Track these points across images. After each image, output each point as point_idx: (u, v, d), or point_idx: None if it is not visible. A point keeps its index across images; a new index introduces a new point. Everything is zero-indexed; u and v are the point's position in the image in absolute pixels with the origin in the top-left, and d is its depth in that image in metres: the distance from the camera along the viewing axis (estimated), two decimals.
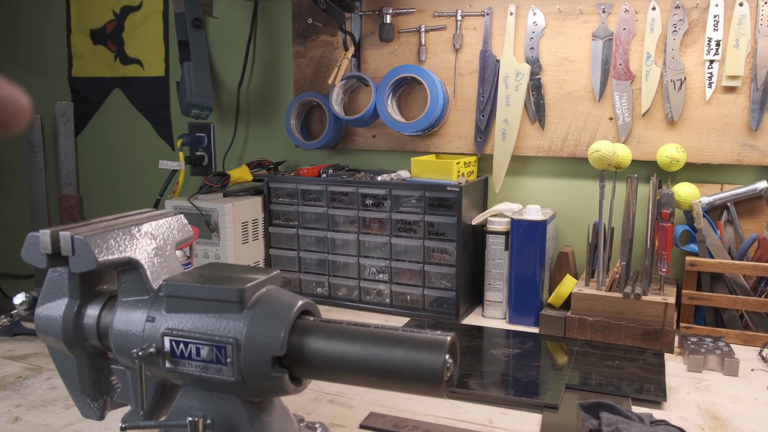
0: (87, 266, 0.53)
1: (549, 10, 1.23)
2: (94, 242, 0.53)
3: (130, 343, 0.54)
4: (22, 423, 0.78)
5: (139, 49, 1.68)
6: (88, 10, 1.73)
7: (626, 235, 1.09)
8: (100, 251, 0.53)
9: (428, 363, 0.48)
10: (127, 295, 0.56)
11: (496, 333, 1.11)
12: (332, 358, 0.50)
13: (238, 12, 1.53)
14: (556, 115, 1.25)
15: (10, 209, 1.96)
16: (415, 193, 1.18)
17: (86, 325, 0.57)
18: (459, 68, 1.31)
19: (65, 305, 0.57)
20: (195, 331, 0.52)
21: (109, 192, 1.80)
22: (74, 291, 0.57)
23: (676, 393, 0.87)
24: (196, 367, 0.52)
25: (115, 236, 0.55)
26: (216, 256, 1.24)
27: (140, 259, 0.56)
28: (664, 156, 1.13)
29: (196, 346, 0.51)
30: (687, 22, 1.14)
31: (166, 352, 0.52)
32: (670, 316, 1.01)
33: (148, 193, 1.69)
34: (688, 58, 1.15)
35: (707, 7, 1.12)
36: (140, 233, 0.57)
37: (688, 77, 1.15)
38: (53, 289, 0.57)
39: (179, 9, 1.42)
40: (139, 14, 1.66)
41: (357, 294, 1.26)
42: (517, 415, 0.81)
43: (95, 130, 1.78)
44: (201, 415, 0.52)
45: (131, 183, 1.76)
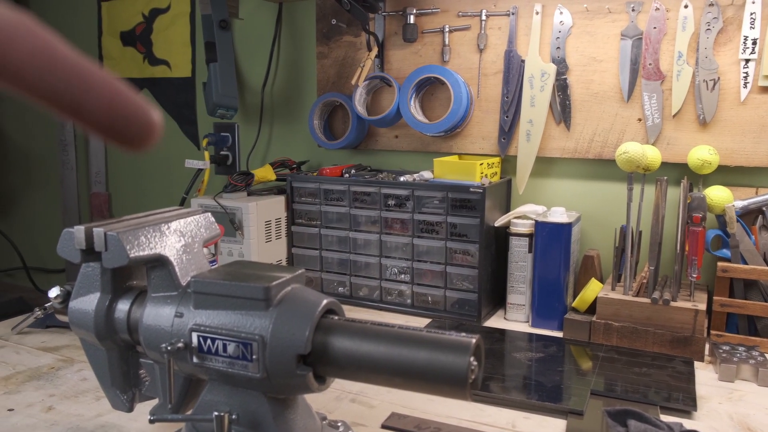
0: (119, 262, 0.54)
1: (576, 9, 1.21)
2: (126, 239, 0.54)
3: (159, 338, 0.55)
4: (55, 412, 0.80)
5: (167, 51, 1.70)
6: (119, 12, 1.76)
7: (655, 239, 1.06)
8: (132, 248, 0.54)
9: (453, 365, 0.47)
10: (156, 290, 0.57)
11: (519, 336, 1.10)
12: (356, 358, 0.50)
13: (263, 13, 1.54)
14: (582, 115, 1.24)
15: (42, 206, 2.01)
16: (437, 194, 1.17)
17: (117, 319, 0.58)
18: (483, 68, 1.30)
19: (97, 299, 0.58)
20: (222, 327, 0.52)
21: (136, 190, 1.83)
22: (106, 286, 0.58)
23: (707, 403, 0.85)
24: (222, 362, 0.52)
25: (145, 233, 0.56)
26: (240, 254, 1.26)
27: (169, 255, 0.57)
28: (696, 158, 1.11)
29: (222, 343, 0.52)
30: (721, 20, 1.11)
31: (194, 347, 0.53)
32: (700, 323, 0.99)
33: (173, 192, 1.71)
34: (722, 57, 1.12)
35: (743, 4, 1.09)
36: (169, 230, 0.58)
37: (722, 77, 1.12)
38: (86, 283, 0.59)
39: (206, 11, 1.44)
40: (167, 16, 1.69)
41: (378, 294, 1.25)
42: (540, 420, 0.80)
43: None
44: (226, 410, 0.53)
45: (158, 181, 1.78)
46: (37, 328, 1.10)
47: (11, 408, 0.81)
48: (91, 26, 1.81)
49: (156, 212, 0.63)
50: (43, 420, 0.78)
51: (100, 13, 1.79)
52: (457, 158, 1.32)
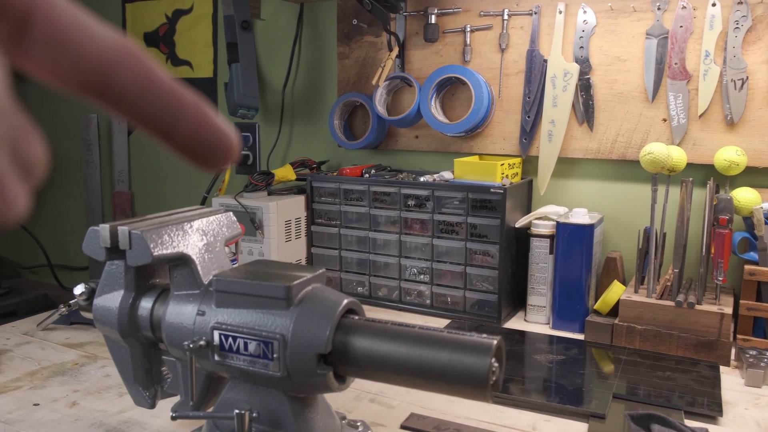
0: (143, 260, 0.54)
1: (600, 8, 1.20)
2: (150, 237, 0.54)
3: (182, 336, 0.55)
4: (79, 408, 0.81)
5: (190, 51, 1.72)
6: (142, 14, 1.78)
7: (680, 241, 1.05)
8: (155, 246, 0.55)
9: (474, 366, 0.47)
10: (179, 288, 0.57)
11: (539, 338, 1.09)
12: (377, 358, 0.50)
13: (284, 14, 1.55)
14: (605, 116, 1.22)
15: (66, 204, 2.04)
16: (457, 195, 1.17)
17: (140, 316, 0.59)
18: (505, 68, 1.29)
19: (121, 297, 0.59)
20: (243, 326, 0.52)
21: (158, 189, 1.85)
22: (130, 283, 0.59)
23: (733, 408, 0.83)
24: (243, 361, 0.52)
25: (168, 232, 0.57)
26: (260, 253, 1.26)
27: (192, 254, 0.57)
28: (723, 159, 1.08)
29: (244, 341, 0.52)
30: (750, 19, 1.09)
31: (216, 345, 0.53)
32: (726, 327, 0.97)
33: (194, 191, 1.73)
34: (751, 57, 1.10)
35: None
36: (192, 229, 0.59)
37: (751, 77, 1.10)
38: (110, 281, 0.60)
39: (228, 12, 1.45)
40: (189, 17, 1.70)
41: (397, 294, 1.25)
42: (561, 423, 0.79)
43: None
44: (247, 408, 0.53)
45: (179, 181, 1.80)
46: (61, 324, 1.12)
47: (37, 402, 0.82)
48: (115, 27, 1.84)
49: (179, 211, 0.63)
50: (67, 415, 0.79)
51: (125, 15, 1.82)
52: (477, 159, 1.31)
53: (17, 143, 0.17)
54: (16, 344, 1.03)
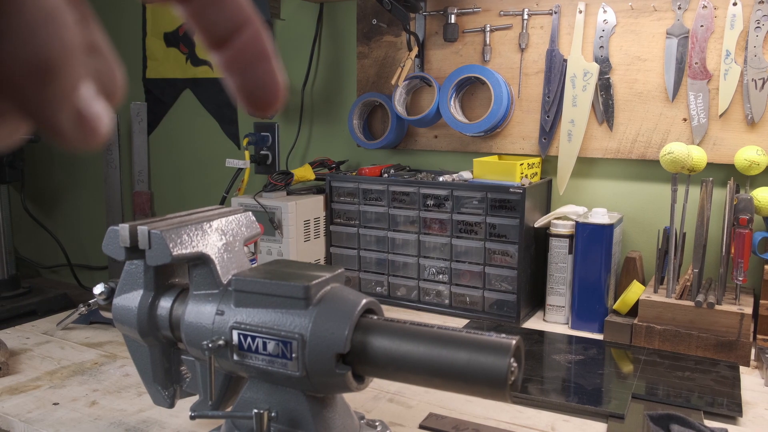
0: (162, 260, 0.55)
1: (620, 8, 1.19)
2: (169, 237, 0.55)
3: (201, 335, 0.56)
4: (98, 407, 0.82)
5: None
6: (163, 14, 1.80)
7: (699, 241, 1.03)
8: (175, 246, 0.55)
9: (493, 366, 0.47)
10: (198, 288, 0.58)
11: (558, 338, 1.08)
12: (396, 357, 0.50)
13: (304, 14, 1.56)
14: (625, 115, 1.21)
15: (86, 204, 2.08)
16: (476, 194, 1.17)
17: (159, 316, 0.59)
18: (524, 68, 1.29)
19: (140, 296, 0.59)
20: (262, 325, 0.53)
21: (178, 188, 1.87)
22: (149, 283, 0.59)
23: (753, 408, 0.83)
24: (262, 360, 0.53)
25: (188, 231, 0.57)
26: (279, 252, 1.27)
27: (211, 254, 0.57)
28: (743, 159, 1.07)
29: (262, 341, 0.52)
30: None
31: (235, 345, 0.54)
32: (746, 327, 0.96)
33: (214, 190, 1.75)
34: None
35: None
36: (211, 229, 0.59)
37: None
38: (130, 280, 0.60)
39: None
40: None
41: (416, 294, 1.26)
42: (580, 423, 0.79)
43: (166, 129, 1.86)
44: (266, 407, 0.53)
45: (199, 180, 1.82)
46: (81, 324, 1.12)
47: (56, 402, 0.83)
48: (135, 27, 1.86)
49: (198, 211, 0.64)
50: (87, 414, 0.80)
51: (145, 15, 1.84)
52: (496, 158, 1.30)
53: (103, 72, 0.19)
54: (36, 344, 1.04)
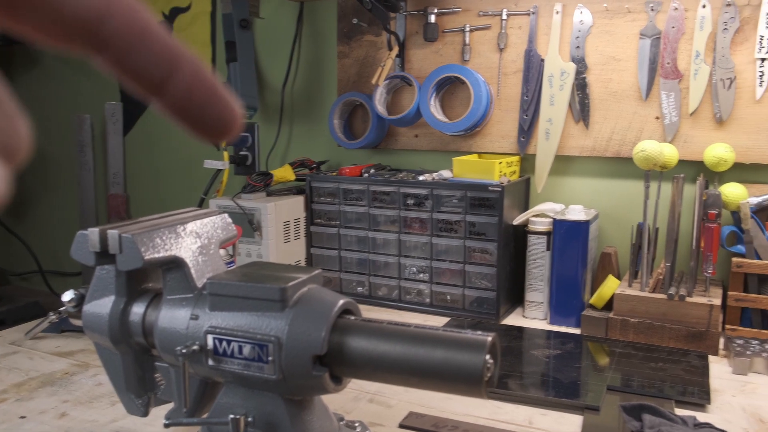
0: (134, 264, 0.53)
1: (596, 9, 1.20)
2: (141, 241, 0.53)
3: (175, 341, 0.55)
4: (68, 419, 0.79)
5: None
6: None
7: (671, 236, 1.06)
8: (147, 249, 0.54)
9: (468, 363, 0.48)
10: (171, 293, 0.57)
11: (537, 334, 1.10)
12: (373, 358, 0.50)
13: (284, 13, 1.56)
14: (601, 114, 1.23)
15: (59, 208, 2.03)
16: (456, 193, 1.18)
17: (132, 322, 0.58)
18: (503, 68, 1.30)
19: (112, 303, 0.57)
20: (237, 329, 0.52)
21: (154, 191, 1.85)
22: (121, 289, 0.58)
23: (721, 396, 0.85)
24: (238, 364, 0.52)
25: (161, 235, 0.56)
26: (258, 254, 1.27)
27: (185, 257, 0.56)
28: (712, 156, 1.10)
29: (238, 344, 0.52)
30: (738, 20, 1.10)
31: (209, 349, 0.53)
32: (715, 318, 0.99)
33: (192, 192, 1.73)
34: (739, 57, 1.11)
35: (759, 4, 1.08)
36: (185, 232, 0.58)
37: (738, 76, 1.11)
38: (100, 286, 0.58)
39: (227, 10, 1.45)
40: (187, 15, 1.71)
41: (397, 293, 1.26)
42: (557, 416, 0.80)
43: (142, 129, 1.84)
44: (243, 412, 0.53)
45: (176, 182, 1.80)
46: (51, 332, 1.08)
47: (23, 415, 0.79)
48: None
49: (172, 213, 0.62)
50: (56, 427, 0.77)
51: None
52: (476, 157, 1.32)
53: (2, 128, 0.17)
54: (3, 355, 0.99)
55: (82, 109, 1.90)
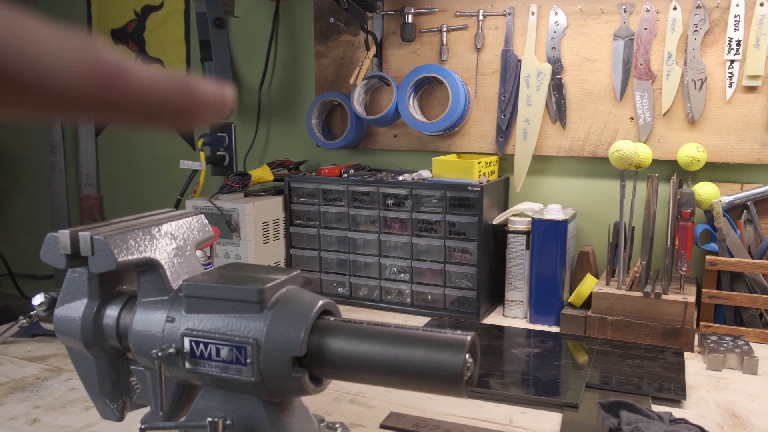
0: (106, 267, 0.52)
1: (570, 10, 1.22)
2: (114, 242, 0.52)
3: (150, 344, 0.54)
4: (40, 425, 0.78)
5: (161, 49, 1.70)
6: (109, 9, 1.75)
7: (647, 235, 1.07)
8: (120, 251, 0.53)
9: (448, 363, 0.47)
10: (146, 295, 0.56)
11: (517, 332, 1.11)
12: (352, 358, 0.50)
13: (259, 12, 1.54)
14: (577, 114, 1.24)
15: (29, 210, 1.99)
16: (436, 193, 1.18)
17: (105, 325, 0.57)
18: (480, 68, 1.31)
19: (84, 306, 0.56)
20: (215, 331, 0.52)
21: (129, 192, 1.82)
22: (93, 291, 0.57)
23: (696, 391, 0.87)
24: (215, 367, 0.52)
25: (134, 236, 0.55)
26: (237, 256, 1.26)
27: (160, 259, 0.56)
28: (685, 155, 1.12)
29: (215, 347, 0.51)
30: (708, 22, 1.12)
31: (186, 352, 0.52)
32: (690, 315, 1.00)
33: (168, 193, 1.71)
34: (709, 58, 1.13)
35: (728, 7, 1.11)
36: (160, 233, 0.58)
37: (709, 77, 1.14)
38: (72, 289, 0.57)
39: (201, 9, 1.44)
40: (160, 14, 1.68)
41: (378, 294, 1.26)
42: (537, 414, 0.81)
43: (116, 130, 1.80)
44: (221, 415, 0.52)
45: (152, 183, 1.78)
46: (22, 337, 1.06)
47: None
48: (80, 23, 1.80)
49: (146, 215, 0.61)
50: None
51: (90, 10, 1.78)
52: (455, 157, 1.32)
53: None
54: None
55: None
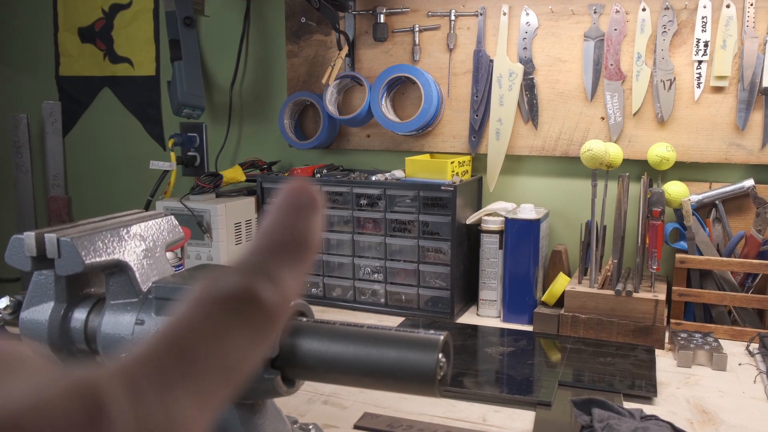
0: (73, 269, 0.52)
1: (542, 11, 1.23)
2: (81, 244, 0.52)
3: (119, 347, 0.53)
4: None
5: (129, 48, 1.66)
6: (76, 7, 1.71)
7: (618, 233, 1.09)
8: (87, 253, 0.52)
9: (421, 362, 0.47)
10: (115, 297, 0.55)
11: (491, 331, 1.11)
12: (325, 359, 0.50)
13: (230, 10, 1.52)
14: (549, 114, 1.25)
15: None
16: (409, 193, 1.18)
17: (73, 328, 0.56)
18: (453, 68, 1.31)
19: (51, 309, 0.56)
20: None
21: (99, 193, 1.78)
22: (60, 294, 0.56)
23: (666, 388, 0.88)
24: None
25: (102, 238, 0.54)
26: (208, 257, 1.24)
27: (129, 261, 0.55)
28: (655, 155, 1.14)
29: None
30: (676, 23, 1.15)
31: None
32: (660, 312, 1.02)
33: (139, 194, 1.68)
34: (678, 59, 1.16)
35: (695, 8, 1.13)
36: (129, 235, 0.57)
37: (678, 77, 1.16)
38: (39, 292, 0.56)
39: (170, 7, 1.41)
40: (128, 12, 1.65)
41: (352, 294, 1.25)
42: (510, 412, 0.81)
43: (84, 130, 1.77)
44: None
45: (122, 184, 1.74)
46: None
47: None
48: (46, 21, 1.75)
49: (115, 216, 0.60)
50: None
51: (56, 8, 1.74)
52: (428, 157, 1.32)
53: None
54: None
55: (18, 109, 1.81)
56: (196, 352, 0.15)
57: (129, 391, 0.14)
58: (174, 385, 0.14)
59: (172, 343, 0.15)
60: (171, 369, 0.15)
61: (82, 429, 0.12)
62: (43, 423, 0.12)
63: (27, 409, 0.12)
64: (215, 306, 0.16)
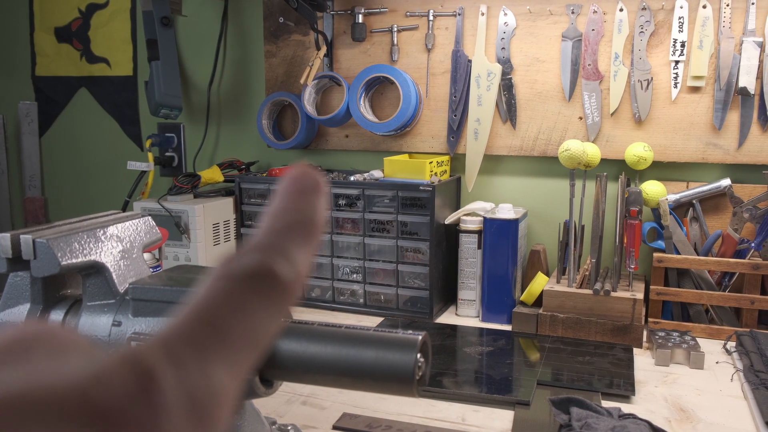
0: (50, 270, 0.51)
1: (519, 11, 1.24)
2: (57, 245, 0.51)
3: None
4: None
5: (106, 48, 1.64)
6: (52, 7, 1.68)
7: (596, 233, 1.10)
8: (63, 255, 0.51)
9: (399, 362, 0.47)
10: (92, 299, 0.55)
11: (470, 331, 1.12)
12: (303, 360, 0.50)
13: (207, 10, 1.51)
14: (527, 114, 1.27)
15: None
16: (388, 193, 1.18)
17: None
18: (431, 68, 1.32)
19: (27, 311, 0.55)
20: None
21: (76, 194, 1.76)
22: (37, 296, 0.55)
23: (644, 387, 0.89)
24: None
25: (79, 239, 0.53)
26: (186, 258, 1.23)
27: (106, 262, 0.54)
28: (632, 155, 1.15)
29: None
30: (653, 24, 1.16)
31: None
32: (638, 311, 1.03)
33: (116, 195, 1.65)
34: (655, 59, 1.17)
35: (672, 8, 1.15)
36: (106, 236, 0.56)
37: (655, 77, 1.18)
38: (14, 294, 0.56)
39: (147, 7, 1.40)
40: (105, 12, 1.63)
41: (331, 294, 1.25)
42: (489, 412, 0.82)
43: (61, 130, 1.74)
44: None
45: (99, 184, 1.72)
46: None
47: None
48: (22, 21, 1.72)
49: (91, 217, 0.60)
50: None
51: (32, 8, 1.71)
52: (407, 157, 1.32)
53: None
54: None
55: None
56: (226, 324, 0.17)
57: (171, 361, 0.15)
58: (209, 354, 0.16)
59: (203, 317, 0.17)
60: (206, 340, 0.16)
61: (137, 395, 0.14)
62: (104, 391, 0.14)
63: (89, 379, 0.14)
64: (237, 282, 0.18)
